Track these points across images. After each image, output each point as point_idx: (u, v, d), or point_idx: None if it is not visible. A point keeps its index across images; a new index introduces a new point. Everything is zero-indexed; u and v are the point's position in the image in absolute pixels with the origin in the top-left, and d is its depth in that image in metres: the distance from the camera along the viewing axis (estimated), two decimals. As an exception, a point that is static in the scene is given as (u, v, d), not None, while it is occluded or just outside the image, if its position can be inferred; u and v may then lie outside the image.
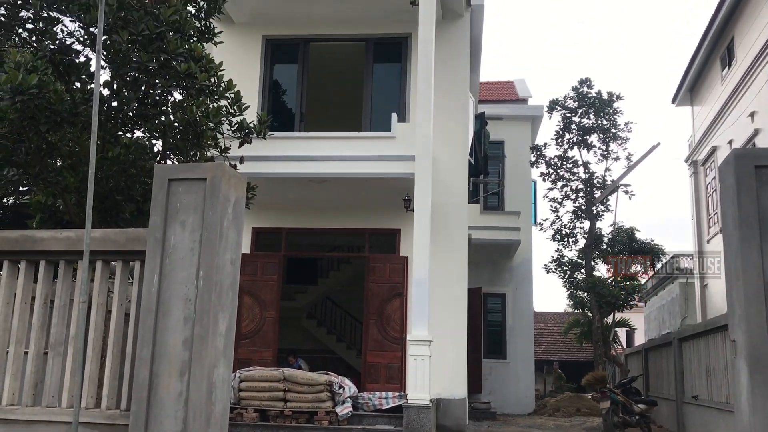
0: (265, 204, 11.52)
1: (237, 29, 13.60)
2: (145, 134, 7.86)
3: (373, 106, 13.62)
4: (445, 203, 12.88)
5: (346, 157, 12.06)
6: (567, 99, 19.12)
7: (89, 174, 3.90)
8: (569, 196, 18.97)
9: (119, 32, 6.52)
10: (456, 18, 13.85)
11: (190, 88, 6.99)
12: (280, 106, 14.31)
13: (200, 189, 3.73)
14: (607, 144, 18.82)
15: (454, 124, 13.45)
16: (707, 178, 21.33)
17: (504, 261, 20.48)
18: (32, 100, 5.95)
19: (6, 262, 4.09)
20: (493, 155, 20.14)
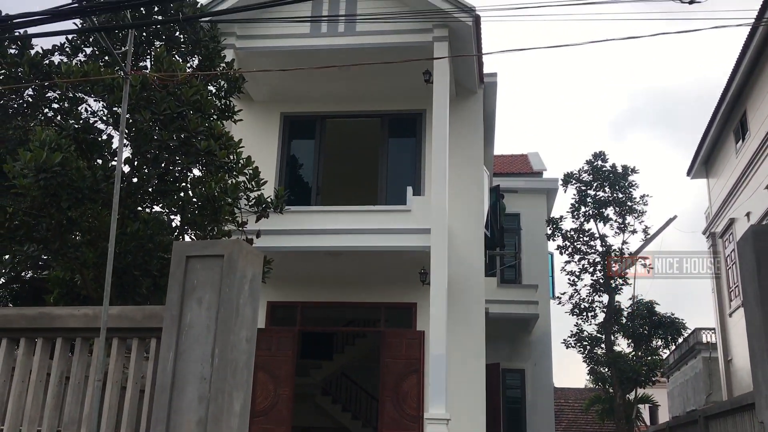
0: (281, 278, 11.51)
1: (256, 106, 13.94)
2: (164, 209, 7.97)
3: (388, 179, 13.75)
4: (462, 276, 12.80)
5: (362, 230, 12.10)
6: (581, 172, 19.23)
7: (109, 250, 3.94)
8: (587, 270, 18.81)
9: (142, 111, 6.71)
10: (469, 94, 14.13)
11: (210, 165, 7.12)
12: (296, 180, 14.49)
13: (217, 266, 3.74)
14: (624, 217, 18.77)
15: (470, 197, 13.52)
16: (726, 250, 21.12)
17: (522, 336, 20.14)
18: (55, 178, 6.08)
19: (23, 339, 4.08)
20: (509, 228, 20.14)
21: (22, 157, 6.13)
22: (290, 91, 13.96)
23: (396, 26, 12.36)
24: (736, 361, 20.01)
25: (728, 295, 20.87)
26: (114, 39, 7.76)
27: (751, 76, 17.71)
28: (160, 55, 7.01)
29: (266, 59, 12.91)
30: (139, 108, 6.76)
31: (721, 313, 21.61)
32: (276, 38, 12.70)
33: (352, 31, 12.61)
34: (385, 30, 12.35)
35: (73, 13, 4.77)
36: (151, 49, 8.36)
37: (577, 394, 36.52)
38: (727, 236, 20.77)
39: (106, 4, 5.93)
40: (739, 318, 19.22)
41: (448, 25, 12.19)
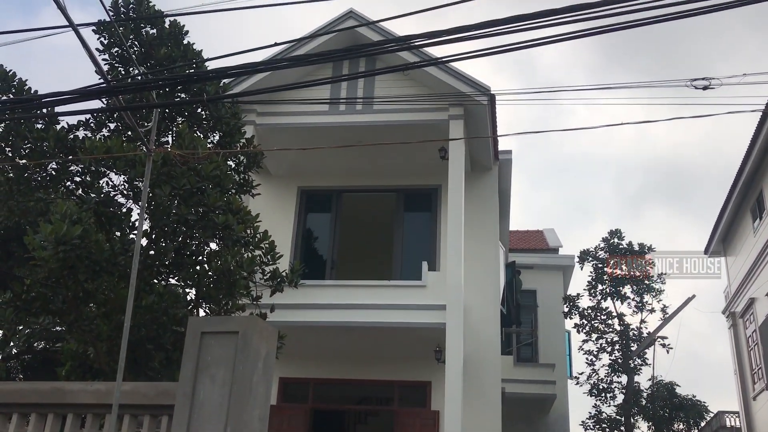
0: (293, 353, 11.37)
1: (273, 180, 14.12)
2: (179, 282, 7.98)
3: (403, 254, 13.74)
4: (478, 354, 12.60)
5: (377, 305, 12.01)
6: (598, 250, 19.16)
7: (125, 324, 3.92)
8: (605, 349, 18.47)
9: (162, 186, 6.81)
10: (485, 170, 14.26)
11: (227, 239, 7.15)
12: (312, 253, 14.51)
13: (232, 342, 3.71)
14: (641, 295, 18.56)
15: (485, 273, 13.45)
16: (747, 330, 20.68)
17: (539, 416, 19.61)
18: (74, 250, 6.13)
19: (34, 414, 4.03)
20: (526, 304, 19.93)
21: (43, 230, 6.20)
22: (308, 165, 14.16)
23: (412, 105, 12.62)
24: (763, 447, 19.28)
25: (751, 377, 20.31)
26: (138, 116, 7.97)
27: (766, 155, 17.78)
28: (182, 132, 7.17)
29: (285, 135, 13.18)
30: (159, 183, 6.86)
31: (745, 395, 20.97)
32: (295, 115, 12.99)
33: (369, 109, 12.88)
34: (402, 108, 12.61)
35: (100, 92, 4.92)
36: (173, 124, 8.56)
37: (597, 479, 35.19)
38: (748, 316, 20.38)
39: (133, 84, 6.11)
40: (763, 402, 18.63)
41: (464, 105, 12.42)
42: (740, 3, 3.94)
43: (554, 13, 4.18)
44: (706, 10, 3.99)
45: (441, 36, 4.41)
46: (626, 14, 4.16)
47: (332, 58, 9.88)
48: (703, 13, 4.02)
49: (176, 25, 8.46)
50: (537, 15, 4.19)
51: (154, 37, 8.36)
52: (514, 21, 4.21)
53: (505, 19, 4.24)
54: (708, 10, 4.00)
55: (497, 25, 4.26)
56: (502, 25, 4.24)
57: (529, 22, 4.18)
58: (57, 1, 4.68)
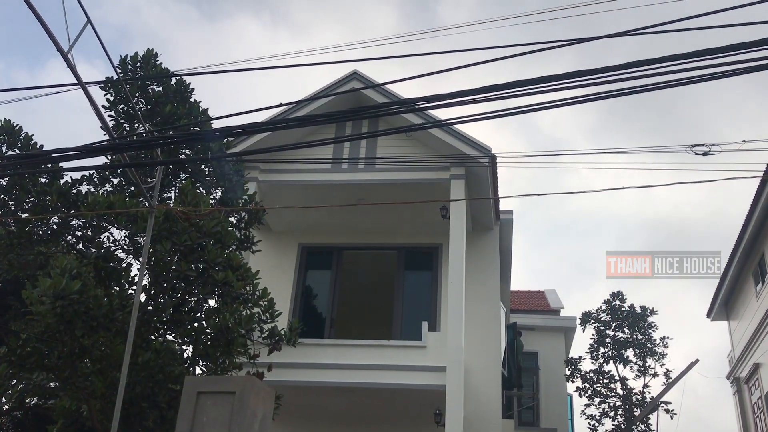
0: (291, 413, 11.18)
1: (274, 236, 14.13)
2: (177, 339, 7.89)
3: (404, 313, 13.62)
4: (478, 418, 12.35)
5: (376, 366, 11.83)
6: (600, 312, 18.98)
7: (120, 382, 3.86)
8: (608, 414, 18.10)
9: (163, 242, 6.80)
10: (486, 230, 14.27)
11: (226, 296, 7.11)
12: (311, 311, 14.40)
13: (228, 403, 3.65)
14: (644, 359, 18.30)
15: (486, 334, 13.31)
16: (752, 396, 20.32)
17: (542, 483, 19.10)
18: (72, 305, 6.08)
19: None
20: (527, 367, 19.63)
21: (42, 284, 6.17)
22: (309, 222, 14.19)
23: (414, 164, 12.73)
24: None
25: (758, 445, 19.85)
26: (141, 171, 8.02)
27: (766, 220, 17.81)
28: (185, 189, 7.21)
29: (287, 191, 13.24)
30: (160, 238, 6.86)
31: (752, 464, 20.46)
32: (298, 173, 13.08)
33: (371, 167, 12.98)
34: (404, 167, 12.72)
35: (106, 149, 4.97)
36: (176, 180, 8.62)
37: None
38: (753, 382, 20.06)
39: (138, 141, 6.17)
40: (771, 471, 18.16)
41: (466, 165, 12.52)
42: (740, 71, 4.00)
43: (554, 78, 4.25)
44: (705, 78, 4.06)
45: (444, 99, 4.48)
46: (625, 80, 4.23)
47: (336, 119, 10.02)
48: (702, 81, 4.08)
49: (182, 83, 8.61)
50: (538, 80, 4.26)
51: (161, 94, 8.50)
52: (516, 86, 4.28)
53: (507, 84, 4.31)
54: (706, 78, 4.07)
55: (499, 90, 4.33)
56: (504, 89, 4.31)
57: (530, 88, 4.25)
58: (67, 59, 4.76)
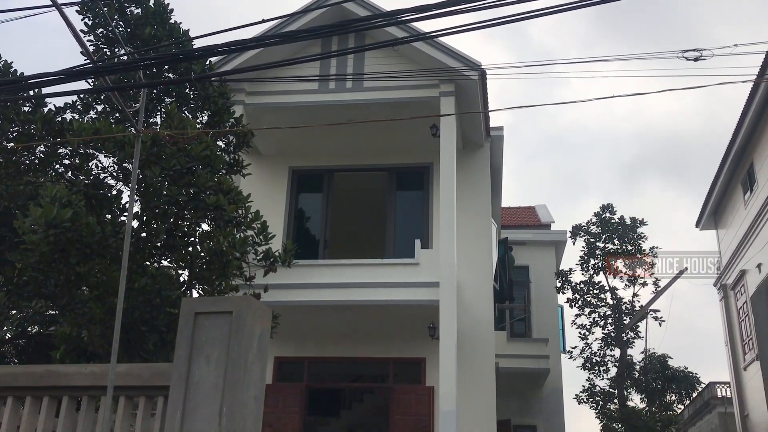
0: (288, 332, 11.40)
1: (264, 161, 14.05)
2: (172, 264, 7.95)
3: (396, 232, 13.74)
4: (471, 331, 12.66)
5: (370, 284, 12.03)
6: (590, 225, 19.18)
7: (117, 306, 3.91)
8: (597, 323, 18.59)
9: (152, 167, 6.75)
10: (476, 147, 14.22)
11: (218, 220, 7.12)
12: (304, 233, 14.49)
13: (226, 323, 3.70)
14: (634, 269, 18.64)
15: (478, 250, 13.47)
16: (738, 302, 20.86)
17: (533, 391, 19.77)
18: (65, 233, 6.08)
19: (28, 397, 4.02)
20: (518, 281, 19.99)
21: (32, 213, 6.16)
22: (298, 145, 14.09)
23: (403, 82, 12.55)
24: (754, 416, 19.54)
25: (742, 348, 20.52)
26: (125, 96, 7.88)
27: (757, 128, 17.81)
28: (170, 112, 7.10)
29: (275, 114, 13.08)
30: (149, 164, 6.80)
31: (736, 366, 21.21)
32: (284, 94, 12.89)
33: (359, 87, 12.79)
34: (393, 86, 12.54)
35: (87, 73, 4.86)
36: (161, 105, 8.48)
37: (591, 451, 35.64)
38: (739, 288, 20.54)
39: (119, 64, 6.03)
40: (754, 372, 18.84)
41: (455, 81, 12.35)
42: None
43: (544, -15, 4.13)
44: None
45: (430, 10, 4.37)
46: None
47: (321, 34, 9.77)
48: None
49: (161, 4, 8.35)
50: (527, -13, 4.14)
51: (139, 16, 8.25)
52: (504, -6, 4.17)
53: (495, -8, 4.19)
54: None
55: (487, -1, 4.21)
56: (492, -2, 4.20)
57: (519, -5, 4.13)
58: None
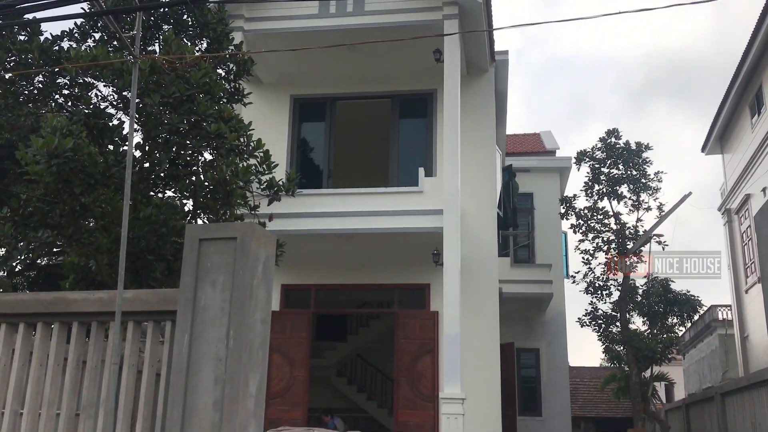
0: (294, 261, 11.54)
1: (265, 89, 13.89)
2: (176, 194, 7.98)
3: (400, 161, 13.70)
4: (475, 257, 12.77)
5: (374, 212, 12.08)
6: (595, 150, 19.02)
7: (122, 235, 3.94)
8: (601, 248, 18.68)
9: (151, 95, 6.69)
10: (481, 73, 14.00)
11: (220, 148, 7.10)
12: (308, 163, 14.47)
13: (230, 249, 3.72)
14: (638, 194, 18.59)
15: (482, 177, 13.45)
16: (742, 226, 20.94)
17: (536, 315, 20.14)
18: (67, 164, 6.09)
19: (39, 324, 4.10)
20: (522, 207, 20.05)
21: (34, 144, 6.15)
22: (300, 73, 13.90)
23: (405, 4, 12.26)
24: (753, 337, 19.91)
25: (744, 271, 20.73)
26: (122, 23, 7.73)
27: (767, 49, 17.44)
28: (168, 39, 6.98)
29: (275, 41, 12.84)
30: (148, 92, 6.73)
31: (737, 289, 21.48)
32: (284, 20, 12.62)
33: (360, 10, 12.50)
34: (394, 9, 12.26)
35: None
36: (159, 33, 8.33)
37: (593, 372, 36.52)
38: (743, 212, 20.58)
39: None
40: (755, 294, 19.08)
41: (458, 3, 12.06)
42: None
43: None
44: None
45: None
46: None
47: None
48: None
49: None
50: None
51: (133, -61, 8.00)
52: None
53: None
54: None
55: None
56: None
57: None
58: None
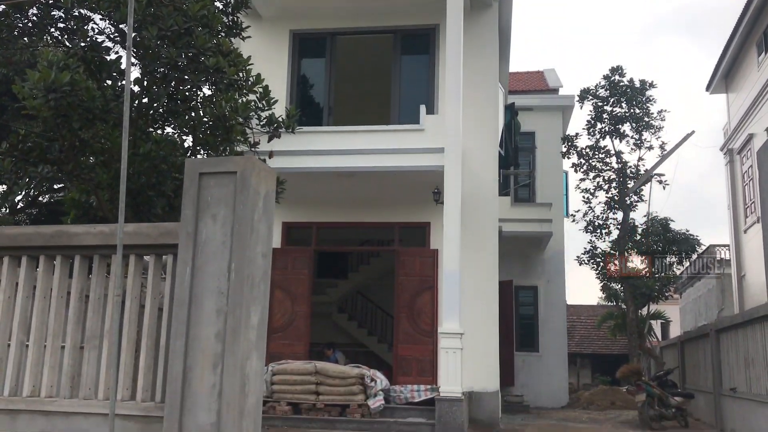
0: (295, 199, 11.55)
1: (264, 24, 13.63)
2: (175, 130, 7.94)
3: (401, 98, 13.56)
4: (475, 195, 12.78)
5: (375, 150, 12.04)
6: (598, 88, 18.78)
7: (121, 169, 3.92)
8: (602, 187, 18.66)
9: (148, 28, 6.57)
10: (484, 8, 13.71)
11: (219, 83, 7.03)
12: (308, 100, 14.33)
13: (230, 182, 3.73)
14: (640, 133, 18.44)
15: (484, 115, 13.34)
16: (743, 166, 20.88)
17: (535, 253, 20.29)
18: (65, 98, 6.03)
19: (42, 257, 4.14)
20: (524, 146, 19.95)
21: (30, 78, 6.08)
22: (299, 6, 13.62)
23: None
24: (750, 276, 20.11)
25: (744, 211, 20.78)
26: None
27: (777, -16, 17.03)
28: (164, -31, 6.81)
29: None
30: (146, 25, 6.61)
31: (736, 229, 21.57)
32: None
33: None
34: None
35: None
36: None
37: (590, 311, 37.11)
38: (745, 152, 20.49)
39: None
40: (754, 234, 19.18)
41: (462, -66, 11.72)
42: None
43: None
44: None
45: None
46: None
47: None
48: None
49: None
50: None
51: None
52: None
53: None
54: None
55: None
56: None
57: None
58: None
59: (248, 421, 3.58)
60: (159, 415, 3.64)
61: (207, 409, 3.47)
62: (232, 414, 3.44)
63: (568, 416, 16.33)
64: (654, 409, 13.40)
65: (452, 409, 10.35)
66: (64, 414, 3.85)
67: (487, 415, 12.13)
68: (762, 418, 10.59)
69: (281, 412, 10.74)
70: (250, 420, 3.61)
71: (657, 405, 13.46)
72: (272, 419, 10.56)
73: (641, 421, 13.68)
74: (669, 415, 13.49)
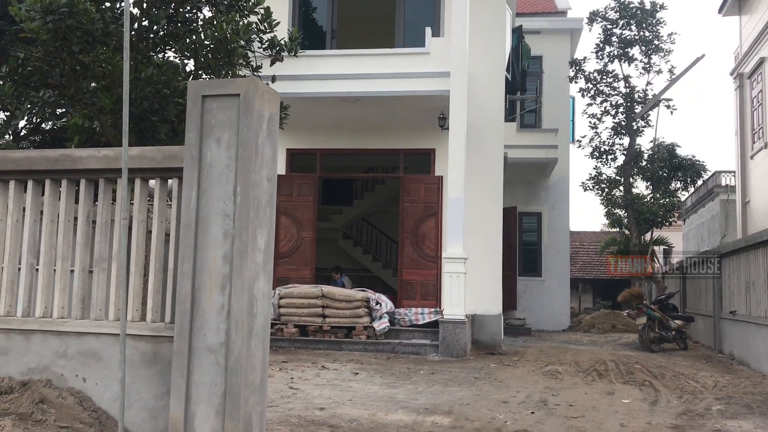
0: (299, 125, 11.49)
1: (265, -56, 13.19)
2: (177, 54, 7.81)
3: (406, 20, 13.27)
4: (481, 121, 12.67)
5: (380, 74, 11.86)
6: (608, 10, 18.31)
7: (123, 92, 3.88)
8: (609, 112, 18.44)
9: (146, -54, 6.38)
10: (492, -75, 13.23)
11: (219, 4, 6.87)
12: (310, 23, 14.03)
13: (234, 105, 3.69)
14: (649, 57, 18.10)
15: (491, 39, 13.07)
16: (753, 91, 20.54)
17: (540, 180, 20.26)
18: (63, 20, 5.92)
19: (48, 181, 4.15)
20: (531, 71, 19.61)
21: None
22: (301, -75, 13.17)
23: None
24: (754, 203, 20.11)
25: (751, 137, 20.58)
26: None
27: None
28: None
29: None
30: (143, -56, 6.42)
31: (743, 155, 21.41)
32: None
33: None
34: None
35: None
36: None
37: (593, 237, 37.28)
38: (756, 76, 20.12)
39: None
40: (760, 159, 19.07)
41: None
42: None
43: None
44: None
45: None
46: None
47: None
48: None
49: None
50: None
51: None
52: None
53: None
54: None
55: None
56: None
57: None
58: None
59: (257, 341, 3.66)
60: (169, 335, 3.72)
61: (216, 329, 3.55)
62: (241, 334, 3.52)
63: (570, 339, 16.67)
64: (654, 332, 13.65)
65: (455, 331, 10.57)
66: (76, 334, 3.94)
67: (490, 337, 12.40)
68: (760, 340, 10.79)
69: (288, 334, 11.00)
70: (259, 340, 3.69)
71: (657, 328, 13.70)
72: (280, 341, 10.82)
73: (641, 343, 13.95)
74: (669, 337, 13.74)
